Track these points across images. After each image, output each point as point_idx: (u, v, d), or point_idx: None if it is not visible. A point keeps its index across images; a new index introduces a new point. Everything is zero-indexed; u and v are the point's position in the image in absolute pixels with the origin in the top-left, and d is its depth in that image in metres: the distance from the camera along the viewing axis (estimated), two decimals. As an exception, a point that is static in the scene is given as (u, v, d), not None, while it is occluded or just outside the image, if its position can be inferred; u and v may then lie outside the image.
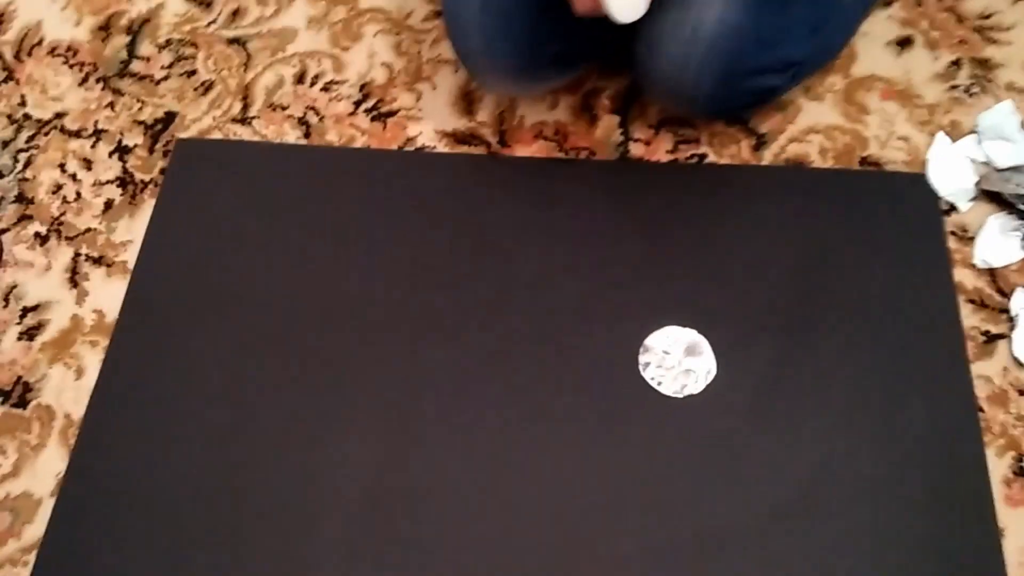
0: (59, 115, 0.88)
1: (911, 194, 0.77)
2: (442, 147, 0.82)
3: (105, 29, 0.93)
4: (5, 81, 0.91)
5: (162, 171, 0.83)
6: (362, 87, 0.86)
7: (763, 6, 0.66)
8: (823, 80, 0.83)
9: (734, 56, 0.67)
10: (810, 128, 0.81)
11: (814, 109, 0.82)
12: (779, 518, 0.64)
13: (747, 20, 0.66)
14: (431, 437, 0.67)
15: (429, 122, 0.84)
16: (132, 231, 0.80)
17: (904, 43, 0.85)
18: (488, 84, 0.78)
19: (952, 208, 0.76)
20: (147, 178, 0.83)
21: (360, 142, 0.83)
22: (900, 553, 0.62)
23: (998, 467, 0.65)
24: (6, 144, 0.86)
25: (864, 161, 0.79)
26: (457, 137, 0.83)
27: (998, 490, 0.64)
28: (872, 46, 0.85)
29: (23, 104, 0.89)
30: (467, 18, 0.70)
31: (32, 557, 0.65)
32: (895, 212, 0.76)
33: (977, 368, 0.69)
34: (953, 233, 0.75)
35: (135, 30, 0.92)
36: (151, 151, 0.85)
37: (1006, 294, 0.72)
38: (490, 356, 0.71)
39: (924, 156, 0.79)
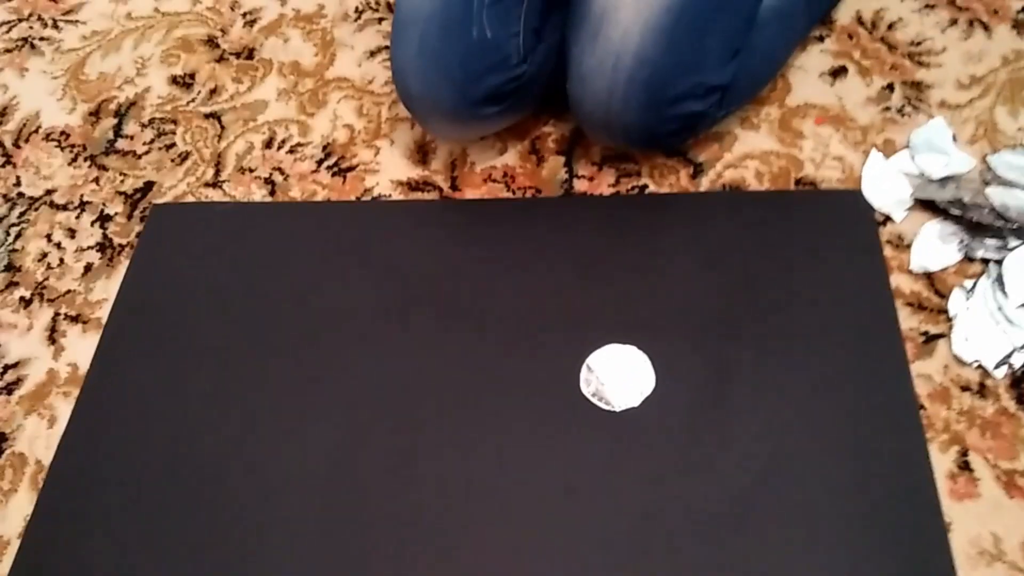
0: (49, 191, 0.95)
1: (846, 208, 0.79)
2: (397, 195, 0.87)
3: (95, 114, 1.01)
4: (3, 165, 0.98)
5: (138, 235, 0.88)
6: (325, 147, 0.92)
7: (677, 35, 0.70)
8: (759, 111, 0.86)
9: (654, 85, 0.71)
10: (746, 154, 0.84)
11: (750, 137, 0.85)
12: (721, 519, 0.63)
13: (662, 50, 0.70)
14: (378, 444, 0.70)
15: (385, 173, 0.89)
16: (108, 290, 0.85)
17: (838, 73, 0.88)
18: (432, 126, 0.82)
19: (887, 219, 0.78)
20: (124, 242, 0.88)
21: (321, 196, 0.88)
22: (846, 554, 0.61)
23: (942, 462, 0.64)
24: (0, 220, 0.93)
25: (800, 182, 0.81)
26: (411, 185, 0.87)
27: (943, 485, 0.63)
28: (807, 78, 0.88)
29: (18, 184, 0.96)
30: (405, 62, 0.76)
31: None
32: (831, 226, 0.77)
33: (918, 367, 0.69)
34: (889, 242, 0.76)
35: (122, 112, 1.00)
36: (129, 217, 0.90)
37: (944, 296, 0.72)
38: (440, 377, 0.73)
39: (858, 174, 0.81)
